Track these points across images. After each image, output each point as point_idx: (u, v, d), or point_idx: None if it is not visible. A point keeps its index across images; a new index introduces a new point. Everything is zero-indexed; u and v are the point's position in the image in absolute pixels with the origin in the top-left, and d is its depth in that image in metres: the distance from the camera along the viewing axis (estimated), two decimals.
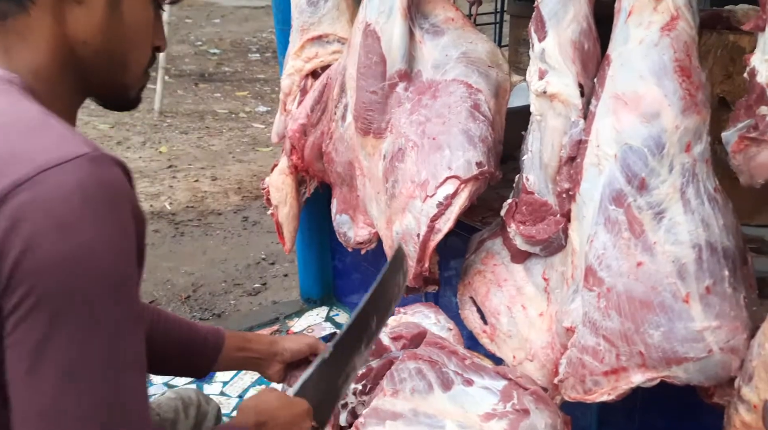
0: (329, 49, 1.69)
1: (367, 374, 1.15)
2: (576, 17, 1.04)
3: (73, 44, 0.72)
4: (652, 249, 0.96)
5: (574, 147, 1.08)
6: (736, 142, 0.91)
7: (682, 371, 0.97)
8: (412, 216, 1.33)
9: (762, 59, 0.86)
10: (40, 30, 0.70)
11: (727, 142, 0.92)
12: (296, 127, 1.71)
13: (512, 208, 1.27)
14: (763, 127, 0.87)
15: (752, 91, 0.88)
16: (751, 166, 0.91)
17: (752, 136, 0.89)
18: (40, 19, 0.70)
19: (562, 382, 1.10)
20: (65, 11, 0.71)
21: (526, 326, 1.24)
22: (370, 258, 2.06)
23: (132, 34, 0.76)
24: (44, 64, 0.71)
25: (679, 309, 0.95)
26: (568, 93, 1.06)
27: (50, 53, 0.71)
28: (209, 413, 1.17)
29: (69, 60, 0.73)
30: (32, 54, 0.70)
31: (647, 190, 0.96)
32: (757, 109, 0.87)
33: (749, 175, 0.92)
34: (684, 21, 0.92)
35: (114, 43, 0.74)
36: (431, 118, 1.34)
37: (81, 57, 0.73)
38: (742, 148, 0.91)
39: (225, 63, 6.47)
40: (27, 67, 0.70)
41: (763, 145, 0.88)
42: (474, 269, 1.37)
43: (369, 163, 1.50)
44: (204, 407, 1.16)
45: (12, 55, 0.70)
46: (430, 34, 1.37)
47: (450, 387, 1.05)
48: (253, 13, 8.80)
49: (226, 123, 4.95)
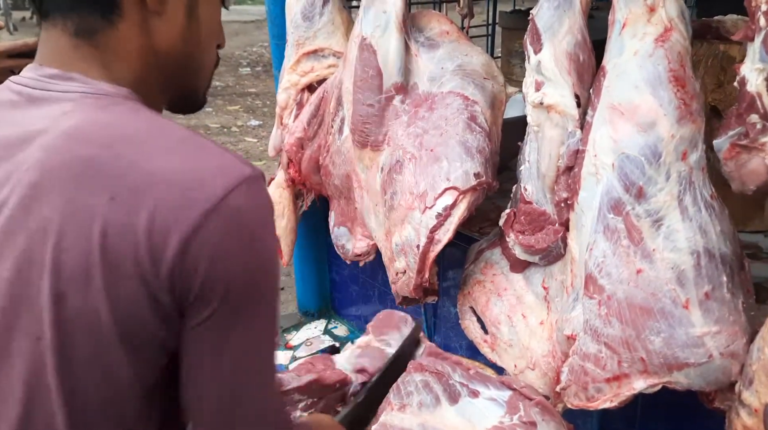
0: (325, 63, 1.70)
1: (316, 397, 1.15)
2: (571, 29, 1.06)
3: (158, 54, 0.74)
4: (651, 256, 0.98)
5: (572, 157, 1.09)
6: (727, 149, 0.93)
7: (683, 377, 0.98)
8: (411, 227, 1.34)
9: (751, 68, 0.88)
10: (130, 43, 0.71)
11: (719, 150, 0.94)
12: (293, 141, 1.72)
13: (511, 218, 1.28)
14: (753, 134, 0.89)
15: (742, 99, 0.90)
16: (742, 172, 0.93)
17: (743, 144, 0.90)
18: (128, 32, 0.71)
19: (565, 390, 1.10)
20: (149, 23, 0.72)
21: (526, 335, 1.25)
22: (368, 270, 2.06)
23: (206, 37, 0.79)
24: (139, 76, 0.73)
25: (679, 315, 0.96)
26: (565, 104, 1.07)
27: (141, 65, 0.73)
28: None
29: (154, 68, 0.75)
30: (126, 67, 0.72)
31: (645, 199, 0.97)
32: (748, 117, 0.89)
33: (741, 182, 0.94)
34: (677, 32, 0.94)
35: (192, 47, 0.77)
36: (428, 130, 1.35)
37: (164, 65, 0.75)
38: (734, 155, 0.93)
39: (216, 77, 6.48)
40: (125, 80, 0.72)
41: (753, 152, 0.90)
42: (473, 279, 1.38)
43: (366, 176, 1.50)
44: None
45: (110, 71, 0.71)
46: (425, 47, 1.39)
47: (457, 400, 1.05)
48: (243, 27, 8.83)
49: (219, 137, 4.96)
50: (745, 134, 0.90)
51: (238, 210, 0.64)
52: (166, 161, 0.65)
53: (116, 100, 0.70)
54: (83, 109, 0.68)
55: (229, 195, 0.63)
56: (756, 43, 0.87)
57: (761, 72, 0.87)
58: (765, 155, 0.89)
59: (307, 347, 2.18)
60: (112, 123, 0.67)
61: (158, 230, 0.62)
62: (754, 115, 0.88)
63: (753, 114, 0.89)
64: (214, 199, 0.63)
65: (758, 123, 0.88)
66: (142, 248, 0.62)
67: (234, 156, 0.68)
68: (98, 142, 0.65)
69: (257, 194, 0.66)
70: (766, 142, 0.89)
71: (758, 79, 0.87)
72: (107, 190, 0.62)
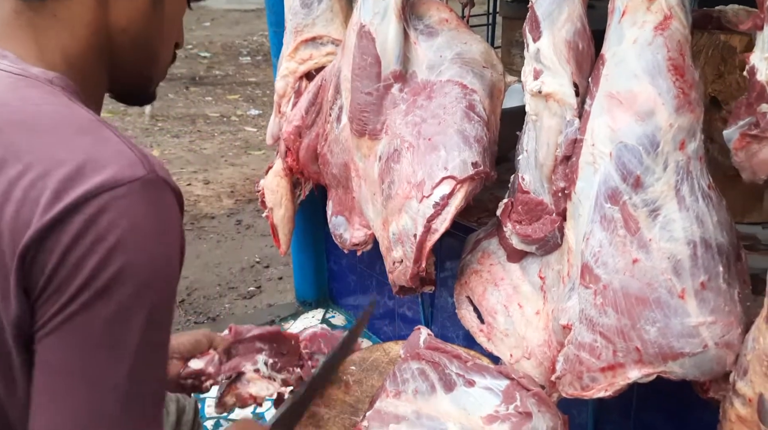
0: (323, 50, 1.69)
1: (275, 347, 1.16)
2: (570, 17, 1.05)
3: (112, 31, 0.70)
4: (647, 246, 0.97)
5: (570, 146, 1.09)
6: (737, 139, 0.92)
7: (678, 366, 0.98)
8: (408, 217, 1.34)
9: (761, 57, 0.86)
10: (81, 13, 0.68)
11: (729, 140, 0.93)
12: (291, 129, 1.72)
13: (508, 208, 1.28)
14: (764, 124, 0.88)
15: (752, 89, 0.88)
16: (753, 162, 0.92)
17: (753, 134, 0.89)
18: (83, 2, 0.67)
19: (560, 379, 1.10)
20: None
21: (522, 325, 1.25)
22: (366, 260, 2.06)
23: (168, 27, 0.76)
24: (79, 49, 0.69)
25: (675, 305, 0.96)
26: (563, 92, 1.07)
27: (88, 38, 0.69)
28: (187, 407, 1.19)
29: (105, 46, 0.71)
30: (68, 37, 0.68)
31: (642, 188, 0.97)
32: (758, 106, 0.88)
33: (752, 172, 0.93)
34: (677, 20, 0.93)
35: (151, 33, 0.74)
36: (426, 118, 1.35)
37: (117, 44, 0.72)
38: (744, 145, 0.91)
39: (216, 66, 6.46)
40: (60, 50, 0.67)
41: (764, 142, 0.89)
42: (470, 268, 1.38)
43: (364, 165, 1.50)
44: (182, 401, 1.18)
45: (43, 37, 0.66)
46: (424, 35, 1.38)
47: (452, 388, 1.05)
48: (243, 16, 8.79)
49: (218, 126, 4.94)
50: (756, 124, 0.89)
51: (113, 211, 0.58)
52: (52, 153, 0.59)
53: (34, 83, 0.65)
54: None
55: (106, 193, 0.58)
56: (765, 32, 0.85)
57: None
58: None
59: None
60: (11, 105, 0.62)
61: (18, 226, 0.57)
62: (765, 104, 0.87)
63: (763, 104, 0.87)
64: (85, 193, 0.57)
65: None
66: (4, 239, 0.57)
67: (136, 154, 0.62)
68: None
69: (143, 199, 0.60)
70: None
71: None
72: None
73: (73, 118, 0.63)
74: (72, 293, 0.57)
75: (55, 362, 0.58)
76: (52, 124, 0.62)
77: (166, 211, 0.63)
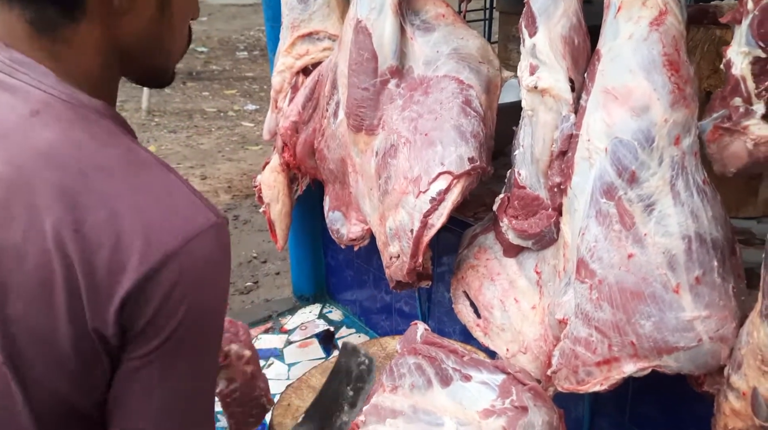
0: (320, 46, 1.69)
1: None
2: (566, 13, 1.05)
3: (123, 44, 0.72)
4: (642, 241, 0.98)
5: (565, 141, 1.09)
6: (710, 131, 0.94)
7: (672, 361, 0.99)
8: (405, 212, 1.34)
9: (737, 51, 0.87)
10: (90, 38, 0.69)
11: (703, 131, 0.94)
12: (288, 125, 1.72)
13: (504, 203, 1.28)
14: (736, 117, 0.89)
15: (728, 82, 0.90)
16: (724, 155, 0.93)
17: (726, 126, 0.91)
18: (90, 28, 0.68)
19: (556, 373, 1.11)
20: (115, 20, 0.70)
21: (519, 319, 1.26)
22: (363, 255, 2.07)
23: (180, 25, 0.77)
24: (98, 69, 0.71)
25: (670, 299, 0.96)
26: (559, 88, 1.07)
27: (101, 57, 0.71)
28: None
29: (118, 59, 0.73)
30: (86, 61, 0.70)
31: (637, 183, 0.98)
32: (731, 100, 0.89)
33: (722, 164, 0.94)
34: (672, 16, 0.94)
35: (162, 35, 0.75)
36: (423, 114, 1.35)
37: (129, 53, 0.73)
38: (717, 137, 0.93)
39: (213, 61, 6.45)
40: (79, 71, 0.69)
41: (736, 135, 0.91)
42: (467, 263, 1.39)
43: (361, 160, 1.50)
44: None
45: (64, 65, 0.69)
46: (421, 31, 1.38)
47: (449, 383, 1.06)
48: (240, 10, 8.76)
49: (215, 122, 4.94)
50: (728, 117, 0.91)
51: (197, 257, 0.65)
52: (134, 199, 0.65)
53: (90, 116, 0.68)
54: (56, 118, 0.65)
55: (191, 241, 0.65)
56: (743, 26, 0.86)
57: (746, 55, 0.87)
58: (746, 138, 0.90)
59: (302, 331, 2.19)
60: (87, 146, 0.66)
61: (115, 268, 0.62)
62: (738, 98, 0.89)
63: (737, 97, 0.89)
64: (176, 245, 0.64)
65: (741, 106, 0.89)
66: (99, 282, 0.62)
67: (201, 200, 0.69)
68: (72, 168, 0.64)
69: (218, 242, 0.68)
70: (748, 125, 0.89)
71: (743, 62, 0.87)
72: (73, 221, 0.62)
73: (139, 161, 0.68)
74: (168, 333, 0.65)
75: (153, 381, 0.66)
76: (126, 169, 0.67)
77: (229, 249, 0.71)
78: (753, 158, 0.89)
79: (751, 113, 0.88)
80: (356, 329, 2.20)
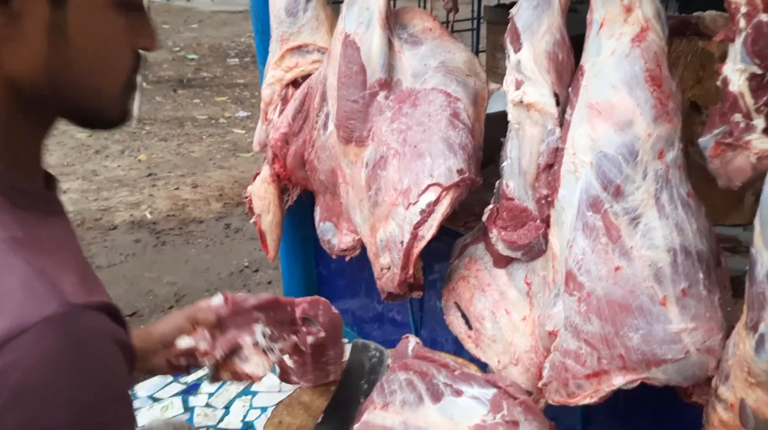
0: (309, 58, 1.70)
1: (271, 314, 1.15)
2: (550, 29, 1.06)
3: (17, 83, 0.61)
4: (629, 254, 0.99)
5: (551, 155, 1.10)
6: (713, 147, 0.94)
7: (661, 373, 1.00)
8: (395, 223, 1.35)
9: (733, 69, 0.88)
10: None
11: (705, 148, 0.95)
12: (278, 136, 1.72)
13: (493, 214, 1.29)
14: (737, 133, 0.91)
15: (725, 99, 0.91)
16: (728, 169, 0.94)
17: (728, 142, 0.92)
18: None
19: (546, 386, 1.12)
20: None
21: (509, 331, 1.26)
22: (355, 265, 2.07)
23: (94, 56, 0.64)
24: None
25: (657, 312, 0.97)
26: (544, 102, 1.08)
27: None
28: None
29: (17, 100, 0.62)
30: None
31: (623, 197, 0.98)
32: (731, 116, 0.90)
33: (727, 179, 0.95)
34: (653, 32, 0.95)
35: (73, 71, 0.63)
36: (412, 126, 1.36)
37: (32, 94, 0.63)
38: (719, 152, 0.94)
39: (203, 68, 6.44)
40: None
41: (738, 150, 0.92)
42: (458, 274, 1.39)
43: (351, 171, 1.51)
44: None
45: None
46: (408, 44, 1.39)
47: (440, 399, 1.06)
48: (230, 17, 8.76)
49: (206, 129, 4.93)
50: (729, 133, 0.92)
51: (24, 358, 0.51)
52: None
53: None
54: None
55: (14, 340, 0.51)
56: (737, 44, 0.87)
57: (743, 72, 0.88)
58: (749, 153, 0.91)
59: None
60: None
61: None
62: (738, 114, 0.90)
63: (736, 113, 0.90)
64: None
65: (741, 122, 0.90)
66: None
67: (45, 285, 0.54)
68: None
69: (57, 340, 0.52)
70: (750, 140, 0.90)
71: (740, 79, 0.88)
72: None
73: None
74: None
75: None
76: None
77: (89, 348, 0.54)
78: (757, 171, 0.90)
79: (751, 128, 0.90)
80: (348, 338, 2.19)
